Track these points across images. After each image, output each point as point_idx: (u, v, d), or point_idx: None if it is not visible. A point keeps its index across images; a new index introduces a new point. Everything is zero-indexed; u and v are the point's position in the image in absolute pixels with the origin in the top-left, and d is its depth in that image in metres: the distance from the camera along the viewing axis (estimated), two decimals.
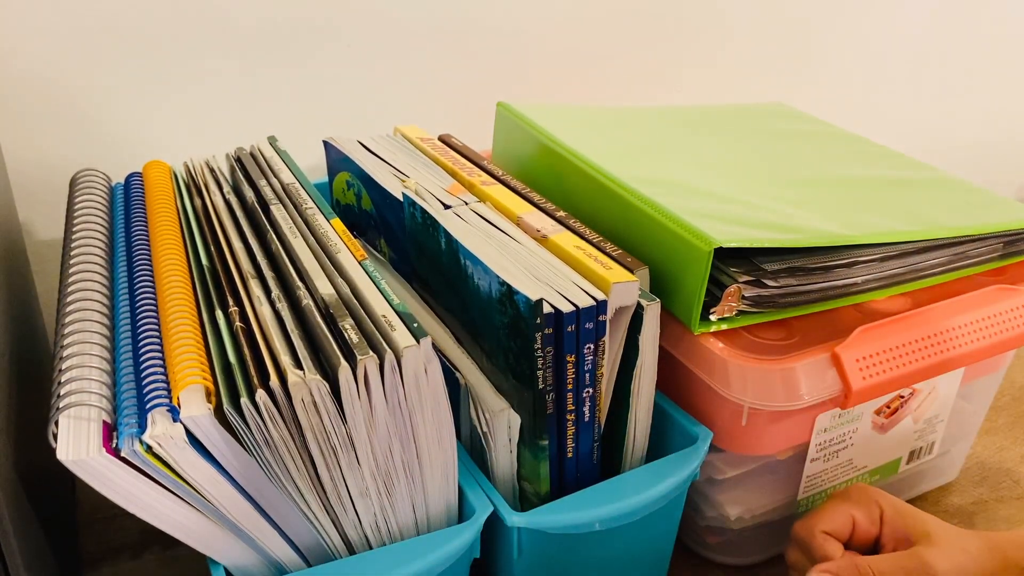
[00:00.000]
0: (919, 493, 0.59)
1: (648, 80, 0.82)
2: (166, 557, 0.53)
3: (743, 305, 0.45)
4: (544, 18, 0.74)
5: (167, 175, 0.53)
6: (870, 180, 0.56)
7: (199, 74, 0.63)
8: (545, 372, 0.39)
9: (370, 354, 0.34)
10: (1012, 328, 0.48)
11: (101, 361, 0.37)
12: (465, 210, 0.47)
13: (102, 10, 0.59)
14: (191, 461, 0.33)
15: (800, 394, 0.43)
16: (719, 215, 0.46)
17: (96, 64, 0.60)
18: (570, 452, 0.43)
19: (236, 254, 0.42)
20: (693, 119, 0.65)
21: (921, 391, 0.51)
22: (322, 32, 0.66)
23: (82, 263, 0.43)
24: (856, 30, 0.90)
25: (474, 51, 0.72)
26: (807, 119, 0.68)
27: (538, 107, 0.60)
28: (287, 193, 0.48)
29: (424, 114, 0.72)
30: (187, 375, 0.33)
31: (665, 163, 0.54)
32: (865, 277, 0.47)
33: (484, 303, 0.41)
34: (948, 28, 0.95)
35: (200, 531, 0.36)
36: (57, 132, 0.61)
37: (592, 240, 0.44)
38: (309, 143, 0.64)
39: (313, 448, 0.35)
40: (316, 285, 0.38)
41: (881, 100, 0.97)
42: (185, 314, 0.38)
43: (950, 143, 1.04)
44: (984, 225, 0.50)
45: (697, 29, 0.81)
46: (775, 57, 0.87)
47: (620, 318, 0.41)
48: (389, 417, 0.36)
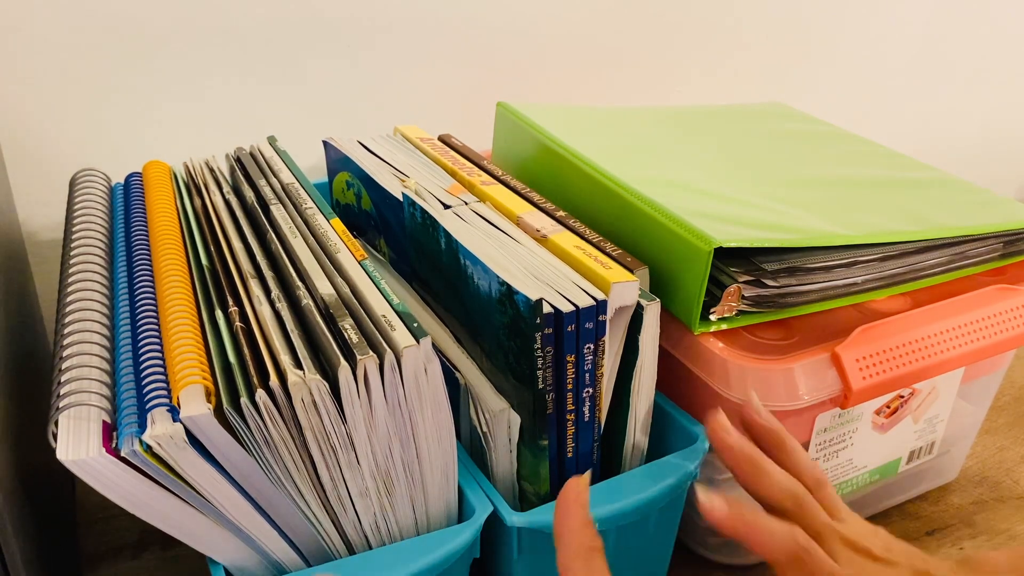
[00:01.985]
0: (919, 493, 0.59)
1: (648, 80, 0.82)
2: (166, 557, 0.53)
3: (743, 305, 0.45)
4: (544, 18, 0.74)
5: (167, 175, 0.53)
6: (870, 180, 0.56)
7: (199, 74, 0.63)
8: (545, 372, 0.39)
9: (370, 354, 0.34)
10: (1012, 328, 0.48)
11: (101, 361, 0.37)
12: (465, 210, 0.47)
13: (102, 10, 0.59)
14: (191, 461, 0.33)
15: (800, 394, 0.43)
16: (719, 215, 0.46)
17: (96, 64, 0.60)
18: (570, 452, 0.43)
19: (236, 254, 0.42)
20: (693, 119, 0.65)
21: (921, 391, 0.51)
22: (322, 32, 0.66)
23: (82, 263, 0.43)
24: (856, 30, 0.90)
25: (474, 51, 0.72)
26: (807, 119, 0.68)
27: (538, 107, 0.60)
28: (287, 193, 0.48)
29: (424, 114, 0.72)
30: (187, 375, 0.33)
31: (665, 163, 0.54)
32: (865, 277, 0.47)
33: (484, 303, 0.41)
34: (948, 28, 0.95)
35: (200, 531, 0.36)
36: (57, 132, 0.61)
37: (592, 240, 0.44)
38: (309, 143, 0.64)
39: (313, 448, 0.35)
40: (316, 285, 0.38)
41: (881, 100, 0.97)
42: (185, 314, 0.38)
43: (950, 143, 1.04)
44: (984, 225, 0.50)
45: (697, 29, 0.81)
46: (775, 57, 0.87)
47: (620, 318, 0.41)
48: (389, 417, 0.36)
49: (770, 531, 0.36)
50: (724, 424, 0.39)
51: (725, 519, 0.36)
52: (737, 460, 0.38)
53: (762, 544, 0.36)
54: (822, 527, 0.37)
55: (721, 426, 0.39)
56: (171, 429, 0.32)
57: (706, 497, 0.37)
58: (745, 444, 0.39)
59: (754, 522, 0.36)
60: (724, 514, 0.37)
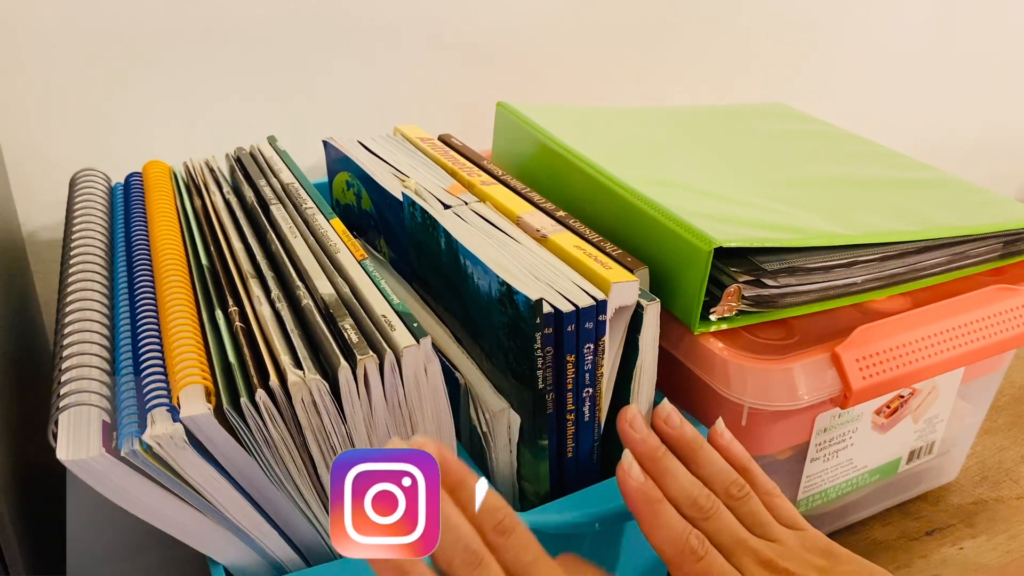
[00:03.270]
0: (919, 493, 0.59)
1: (648, 80, 0.82)
2: (166, 557, 0.53)
3: (743, 305, 0.45)
4: (544, 18, 0.74)
5: (167, 175, 0.53)
6: (870, 180, 0.56)
7: (199, 74, 0.63)
8: (545, 372, 0.39)
9: (370, 354, 0.34)
10: (1012, 328, 0.48)
11: (101, 361, 0.37)
12: (465, 210, 0.47)
13: (102, 10, 0.59)
14: (191, 461, 0.33)
15: (800, 394, 0.43)
16: (719, 215, 0.46)
17: (96, 64, 0.60)
18: (570, 452, 0.43)
19: (236, 254, 0.42)
20: (693, 119, 0.65)
21: (921, 391, 0.51)
22: (322, 32, 0.66)
23: (82, 263, 0.43)
24: (856, 31, 0.90)
25: (474, 51, 0.72)
26: (807, 119, 0.68)
27: (538, 107, 0.60)
28: (287, 193, 0.48)
29: (424, 114, 0.72)
30: (187, 375, 0.33)
31: (665, 163, 0.54)
32: (865, 277, 0.47)
33: (484, 303, 0.41)
34: (948, 28, 0.95)
35: (200, 531, 0.36)
36: (57, 132, 0.61)
37: (592, 240, 0.44)
38: (309, 143, 0.64)
39: (313, 448, 0.35)
40: (316, 285, 0.38)
41: (881, 100, 0.97)
42: (185, 314, 0.38)
43: (950, 143, 1.04)
44: (984, 225, 0.50)
45: (698, 29, 0.81)
46: (775, 58, 0.87)
47: (620, 318, 0.41)
48: (389, 417, 0.36)
49: (667, 523, 0.35)
50: (627, 466, 0.38)
51: (633, 490, 0.36)
52: (634, 502, 0.37)
53: (654, 532, 0.35)
54: (733, 542, 0.36)
55: (624, 469, 0.38)
56: (171, 429, 0.32)
57: (628, 463, 0.37)
58: (647, 483, 0.37)
59: (657, 507, 0.36)
60: (635, 484, 0.36)
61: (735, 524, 0.37)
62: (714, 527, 0.37)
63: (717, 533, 0.36)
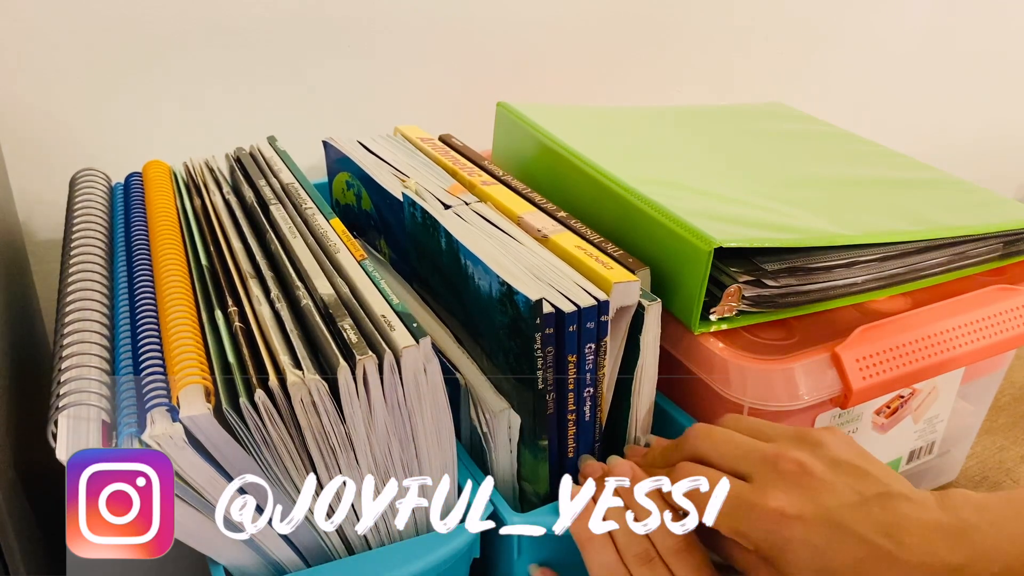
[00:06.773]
0: None
1: (649, 80, 0.82)
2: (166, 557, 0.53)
3: (743, 305, 0.45)
4: (545, 18, 0.74)
5: (167, 175, 0.53)
6: (870, 180, 0.56)
7: (199, 74, 0.63)
8: (545, 372, 0.39)
9: (369, 354, 0.34)
10: (1012, 328, 0.48)
11: (101, 361, 0.37)
12: (465, 210, 0.47)
13: (102, 10, 0.59)
14: (190, 461, 0.33)
15: (800, 394, 0.43)
16: (719, 215, 0.46)
17: (96, 64, 0.60)
18: (570, 452, 0.43)
19: (235, 254, 0.42)
20: (693, 119, 0.65)
21: (921, 391, 0.51)
22: (322, 32, 0.66)
23: (82, 263, 0.43)
24: (856, 31, 0.90)
25: (474, 51, 0.72)
26: (807, 119, 0.68)
27: (538, 107, 0.60)
28: (287, 193, 0.48)
29: (424, 114, 0.72)
30: (186, 375, 0.33)
31: (665, 163, 0.54)
32: (865, 277, 0.47)
33: (484, 303, 0.41)
34: (948, 28, 0.95)
35: (200, 531, 0.36)
36: (58, 132, 0.61)
37: (593, 240, 0.44)
38: (309, 143, 0.64)
39: (312, 448, 0.35)
40: (315, 285, 0.38)
41: (881, 100, 0.97)
42: (184, 314, 0.38)
43: (950, 143, 1.04)
44: (984, 225, 0.50)
45: (698, 29, 0.81)
46: (775, 58, 0.87)
47: (621, 318, 0.41)
48: (388, 417, 0.36)
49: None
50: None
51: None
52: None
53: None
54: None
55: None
56: (170, 429, 0.32)
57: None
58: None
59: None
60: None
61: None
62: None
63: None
